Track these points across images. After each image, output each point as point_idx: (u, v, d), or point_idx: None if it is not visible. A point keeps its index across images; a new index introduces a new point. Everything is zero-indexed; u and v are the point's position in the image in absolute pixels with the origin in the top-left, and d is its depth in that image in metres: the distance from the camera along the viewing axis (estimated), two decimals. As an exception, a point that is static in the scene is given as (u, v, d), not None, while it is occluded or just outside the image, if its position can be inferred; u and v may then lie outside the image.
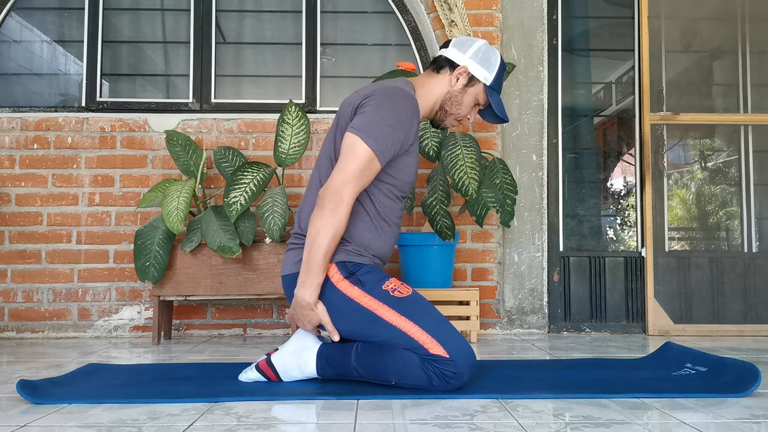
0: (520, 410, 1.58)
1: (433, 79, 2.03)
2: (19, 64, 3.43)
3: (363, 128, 1.83)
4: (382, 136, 1.82)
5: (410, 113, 1.89)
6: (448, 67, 2.02)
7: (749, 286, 3.34)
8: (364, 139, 1.81)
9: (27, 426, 1.45)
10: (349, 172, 1.80)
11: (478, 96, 2.03)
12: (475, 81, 2.01)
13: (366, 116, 1.84)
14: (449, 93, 2.02)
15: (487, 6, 3.33)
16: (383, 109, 1.85)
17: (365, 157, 1.81)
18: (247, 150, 3.29)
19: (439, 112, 2.05)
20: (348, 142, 1.83)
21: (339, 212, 1.80)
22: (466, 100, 2.03)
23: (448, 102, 2.03)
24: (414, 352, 1.76)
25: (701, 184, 3.48)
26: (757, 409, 1.59)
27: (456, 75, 2.01)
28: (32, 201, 3.23)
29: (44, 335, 3.19)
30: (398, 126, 1.85)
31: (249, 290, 2.92)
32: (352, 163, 1.81)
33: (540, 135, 3.31)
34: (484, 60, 2.00)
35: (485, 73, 2.00)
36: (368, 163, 1.82)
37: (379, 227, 1.94)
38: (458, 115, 2.05)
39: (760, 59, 3.48)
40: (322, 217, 1.80)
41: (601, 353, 2.59)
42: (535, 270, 3.28)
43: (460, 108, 2.04)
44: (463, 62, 2.00)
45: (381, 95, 1.88)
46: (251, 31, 3.50)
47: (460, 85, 2.01)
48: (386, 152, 1.84)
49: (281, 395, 1.74)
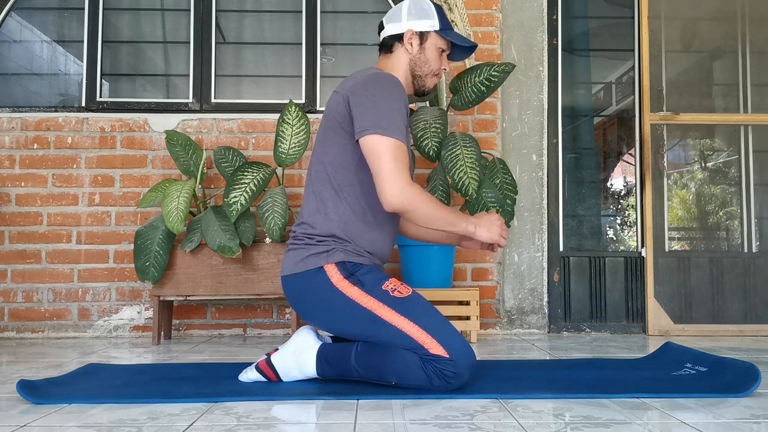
0: (520, 410, 1.58)
1: (391, 58, 2.06)
2: (19, 64, 3.43)
3: (373, 125, 1.83)
4: (393, 123, 1.83)
5: (399, 89, 1.91)
6: (396, 41, 2.05)
7: (749, 286, 3.34)
8: (382, 134, 1.82)
9: (27, 426, 1.45)
10: (388, 171, 1.80)
11: (437, 44, 2.06)
12: (426, 34, 2.04)
13: (370, 114, 1.84)
14: (412, 59, 2.04)
15: (487, 6, 3.33)
16: (377, 98, 1.86)
17: (392, 148, 1.81)
18: (247, 150, 3.29)
19: (415, 81, 2.08)
20: (370, 145, 1.83)
21: (414, 198, 1.81)
22: (430, 55, 2.05)
23: (416, 67, 2.05)
24: (414, 352, 1.75)
25: (701, 184, 3.48)
26: (757, 409, 1.59)
27: (407, 42, 2.03)
28: (32, 201, 3.23)
29: (44, 335, 3.19)
30: (397, 105, 1.87)
31: (249, 290, 2.92)
32: (385, 162, 1.80)
33: (540, 135, 3.31)
34: (420, 12, 2.04)
35: (429, 22, 2.04)
36: (398, 151, 1.82)
37: (379, 224, 1.94)
38: (432, 71, 2.08)
39: (760, 59, 3.48)
40: (415, 213, 1.82)
41: (601, 353, 2.59)
42: (535, 270, 3.28)
43: (430, 65, 2.06)
44: (405, 28, 2.03)
45: (366, 87, 1.89)
46: (251, 31, 3.50)
47: (416, 46, 2.04)
48: (403, 132, 1.86)
49: (281, 395, 1.74)
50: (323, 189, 1.92)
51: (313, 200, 1.93)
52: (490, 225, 1.95)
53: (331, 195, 1.91)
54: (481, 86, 2.88)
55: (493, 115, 3.31)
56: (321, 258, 1.87)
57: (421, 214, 1.84)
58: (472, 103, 2.92)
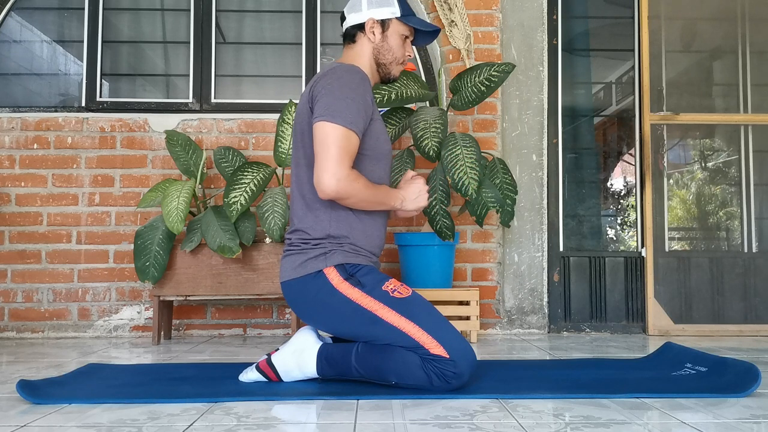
0: (520, 410, 1.58)
1: (355, 48, 2.07)
2: (19, 64, 3.43)
3: (325, 113, 1.84)
4: (345, 110, 1.83)
5: (358, 78, 1.91)
6: (358, 31, 2.05)
7: (749, 286, 3.34)
8: (331, 120, 1.82)
9: (27, 426, 1.45)
10: (332, 159, 1.81)
11: (400, 31, 2.06)
12: (388, 22, 2.05)
13: (322, 102, 1.85)
14: (375, 48, 2.05)
15: (487, 6, 3.33)
16: (333, 88, 1.86)
17: (340, 135, 1.82)
18: (247, 150, 3.29)
19: (379, 69, 2.08)
20: (318, 132, 1.84)
21: (348, 186, 1.82)
22: (393, 42, 2.06)
23: (380, 55, 2.05)
24: (414, 352, 1.76)
25: (701, 184, 3.48)
26: (757, 409, 1.60)
27: (369, 31, 2.03)
28: (32, 201, 3.23)
29: (44, 335, 3.19)
30: (354, 95, 1.87)
31: (249, 290, 2.92)
32: (332, 147, 1.81)
33: (540, 135, 3.31)
34: (381, 1, 2.04)
35: (389, 9, 2.04)
36: (345, 140, 1.83)
37: (369, 213, 1.95)
38: (396, 59, 2.08)
39: (760, 59, 3.48)
40: (348, 200, 1.85)
41: (601, 353, 2.59)
42: (535, 270, 3.28)
43: (394, 52, 2.06)
44: (366, 17, 2.03)
45: (324, 79, 1.89)
46: (251, 31, 3.50)
47: (378, 34, 2.04)
48: (357, 122, 1.85)
49: (281, 395, 1.74)
50: (307, 190, 1.93)
51: (300, 204, 1.95)
52: (417, 195, 2.01)
53: (314, 195, 1.91)
54: (481, 86, 2.88)
55: (493, 115, 3.31)
56: (319, 261, 1.88)
57: (354, 200, 1.87)
58: (472, 103, 2.92)
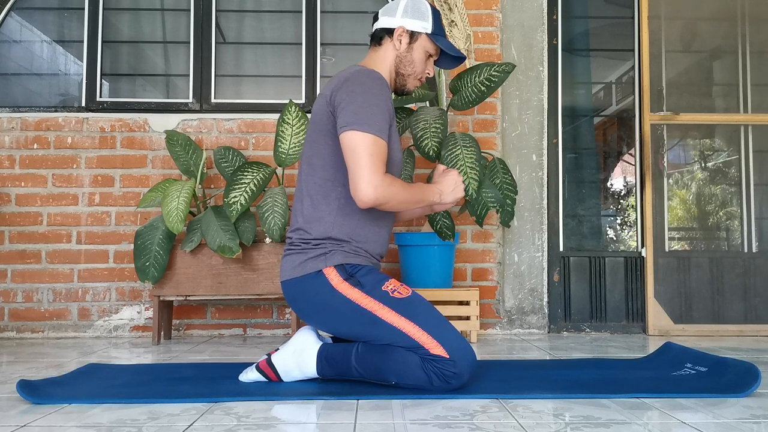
0: (520, 410, 1.58)
1: (379, 52, 2.06)
2: (19, 64, 3.43)
3: (353, 121, 1.83)
4: (372, 118, 1.83)
5: (380, 85, 1.91)
6: (386, 35, 2.04)
7: (749, 286, 3.34)
8: (360, 129, 1.82)
9: (27, 426, 1.45)
10: (366, 168, 1.80)
11: (426, 48, 2.06)
12: (417, 35, 2.04)
13: (348, 111, 1.85)
14: (398, 56, 2.04)
15: (487, 6, 3.33)
16: (357, 95, 1.86)
17: (370, 143, 1.82)
18: (247, 150, 3.29)
19: (397, 79, 2.07)
20: (348, 142, 1.83)
21: (386, 192, 1.82)
22: (416, 56, 2.05)
23: (401, 65, 2.05)
24: (414, 352, 1.76)
25: (701, 184, 3.48)
26: (757, 409, 1.60)
27: (397, 38, 2.03)
28: (32, 201, 3.23)
29: (44, 335, 3.19)
30: (379, 101, 1.87)
31: (249, 290, 2.92)
32: (364, 156, 1.81)
33: (540, 135, 3.31)
34: (416, 12, 2.03)
35: (422, 23, 2.03)
36: (376, 147, 1.82)
37: (373, 219, 1.95)
38: (416, 73, 2.07)
39: (760, 59, 3.48)
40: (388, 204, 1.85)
41: (601, 353, 2.59)
42: (535, 270, 3.28)
43: (415, 66, 2.06)
44: (397, 24, 2.02)
45: (347, 86, 1.88)
46: (251, 31, 3.50)
47: (405, 44, 2.03)
48: (383, 128, 1.86)
49: (281, 395, 1.74)
50: (315, 191, 1.93)
51: (306, 203, 1.94)
52: (453, 187, 2.03)
53: (323, 196, 1.91)
54: (481, 86, 2.88)
55: (493, 115, 3.31)
56: (319, 261, 1.87)
57: (394, 203, 1.87)
58: (472, 103, 2.92)
